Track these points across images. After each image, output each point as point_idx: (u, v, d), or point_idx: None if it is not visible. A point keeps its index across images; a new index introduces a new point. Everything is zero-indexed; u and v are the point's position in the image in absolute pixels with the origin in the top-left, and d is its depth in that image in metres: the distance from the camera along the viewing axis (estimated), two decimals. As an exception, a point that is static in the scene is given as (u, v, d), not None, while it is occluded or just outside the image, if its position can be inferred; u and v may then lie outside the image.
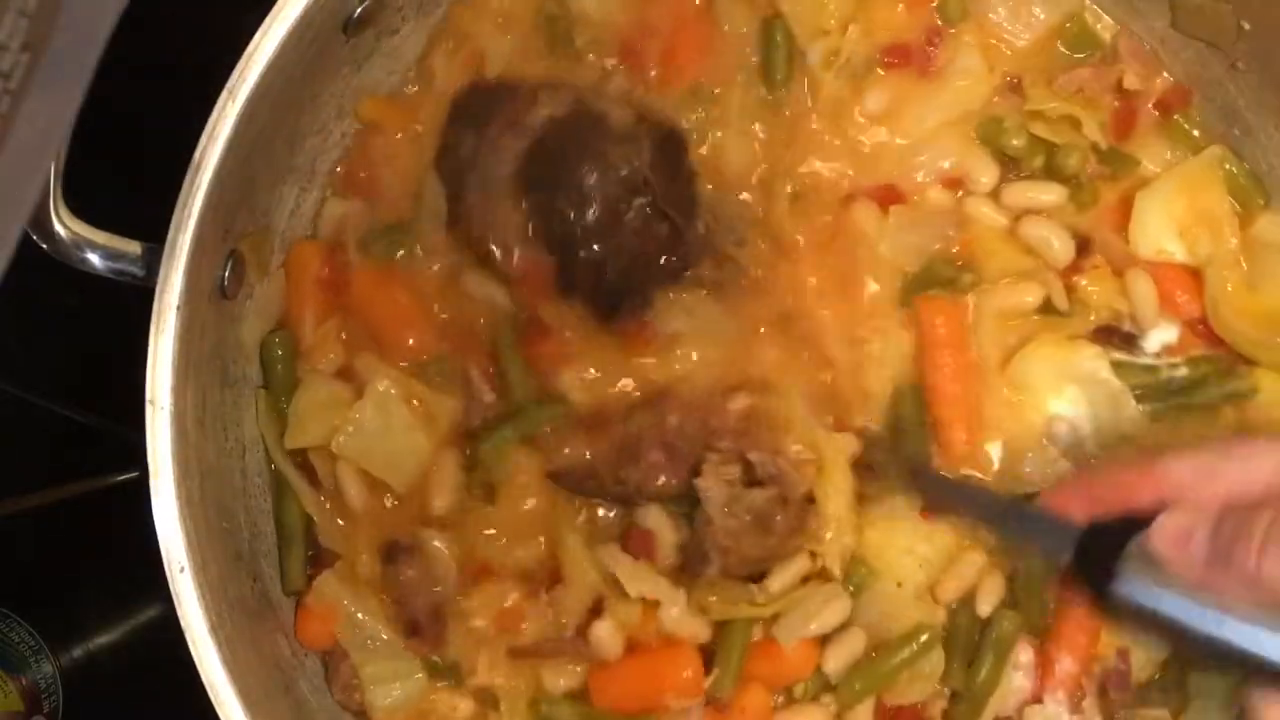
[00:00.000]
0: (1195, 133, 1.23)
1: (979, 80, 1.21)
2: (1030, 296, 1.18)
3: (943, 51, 1.21)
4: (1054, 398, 1.17)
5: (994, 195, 1.20)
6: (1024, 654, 1.17)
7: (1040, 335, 1.18)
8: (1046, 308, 1.19)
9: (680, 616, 1.11)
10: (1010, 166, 1.22)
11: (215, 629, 1.01)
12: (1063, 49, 1.24)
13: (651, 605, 1.11)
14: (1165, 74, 1.24)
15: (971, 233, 1.19)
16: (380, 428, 1.13)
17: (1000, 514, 1.09)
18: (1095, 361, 1.17)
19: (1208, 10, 1.19)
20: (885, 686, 1.14)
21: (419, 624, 1.14)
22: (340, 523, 1.17)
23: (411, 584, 1.14)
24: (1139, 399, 1.18)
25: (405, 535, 1.15)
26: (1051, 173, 1.21)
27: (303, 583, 1.17)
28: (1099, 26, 1.24)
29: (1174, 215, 1.20)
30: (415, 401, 1.15)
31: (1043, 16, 1.22)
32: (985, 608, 1.15)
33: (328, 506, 1.17)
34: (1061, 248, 1.19)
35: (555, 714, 1.14)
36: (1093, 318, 1.19)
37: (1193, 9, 1.20)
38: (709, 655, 1.13)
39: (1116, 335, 1.19)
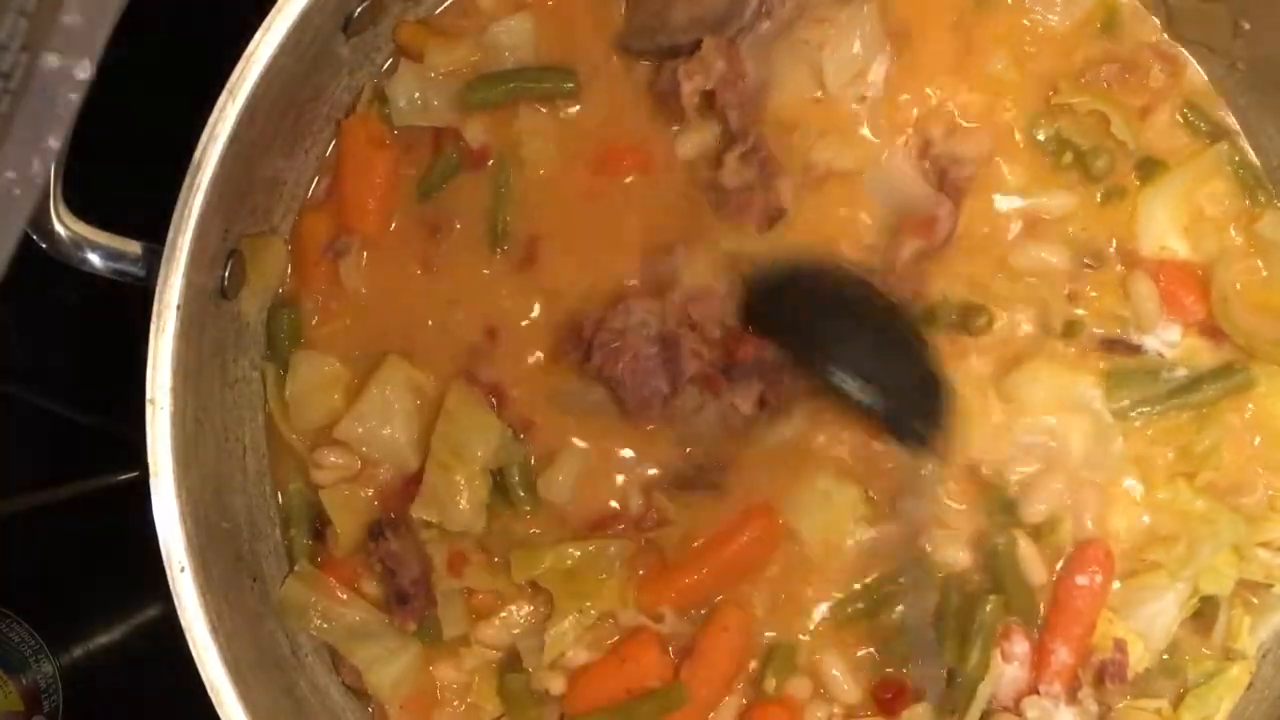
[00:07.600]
0: (1204, 127, 1.23)
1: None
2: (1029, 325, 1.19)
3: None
4: (1042, 418, 1.17)
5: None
6: (1019, 645, 1.17)
7: (1040, 353, 1.18)
8: (1048, 327, 1.19)
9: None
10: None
11: (215, 629, 1.02)
12: (1098, 29, 1.22)
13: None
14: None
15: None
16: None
17: None
18: (1090, 390, 1.17)
19: (1202, 12, 1.19)
20: None
21: (406, 594, 1.15)
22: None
23: (397, 557, 1.15)
24: (1137, 404, 1.18)
25: (390, 513, 1.17)
26: (1081, 171, 1.20)
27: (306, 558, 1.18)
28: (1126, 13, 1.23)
29: (1178, 213, 1.20)
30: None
31: None
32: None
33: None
34: (1061, 264, 1.19)
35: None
36: (1097, 330, 1.19)
37: (1187, 11, 1.20)
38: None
39: (1120, 347, 1.19)
